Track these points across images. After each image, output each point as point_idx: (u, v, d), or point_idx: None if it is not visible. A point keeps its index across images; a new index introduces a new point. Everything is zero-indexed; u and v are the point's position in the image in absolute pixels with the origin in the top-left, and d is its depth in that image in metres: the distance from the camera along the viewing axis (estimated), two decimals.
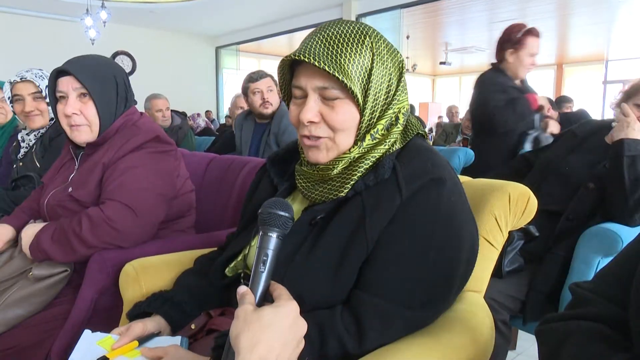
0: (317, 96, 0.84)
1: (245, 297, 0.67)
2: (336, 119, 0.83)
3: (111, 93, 1.42)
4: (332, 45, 0.81)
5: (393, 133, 0.87)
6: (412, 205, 0.80)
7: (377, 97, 0.84)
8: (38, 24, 8.23)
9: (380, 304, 0.78)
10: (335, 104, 0.83)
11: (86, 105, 1.38)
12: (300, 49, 0.82)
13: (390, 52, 0.87)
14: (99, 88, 1.38)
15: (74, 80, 1.35)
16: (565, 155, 1.78)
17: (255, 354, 0.59)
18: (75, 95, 1.37)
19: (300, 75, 0.85)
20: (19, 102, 2.01)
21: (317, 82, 0.82)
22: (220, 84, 11.01)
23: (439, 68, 13.96)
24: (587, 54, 11.85)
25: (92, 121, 1.40)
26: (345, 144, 0.86)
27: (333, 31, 0.83)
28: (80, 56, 1.42)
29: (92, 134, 1.42)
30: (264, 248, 0.70)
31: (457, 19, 8.98)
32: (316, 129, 0.85)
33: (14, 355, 1.24)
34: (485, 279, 1.06)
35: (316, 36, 0.83)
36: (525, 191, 1.08)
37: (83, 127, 1.40)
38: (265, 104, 2.80)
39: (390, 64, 0.86)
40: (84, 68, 1.37)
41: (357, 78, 0.81)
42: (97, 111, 1.39)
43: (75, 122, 1.39)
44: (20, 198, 1.83)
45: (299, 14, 8.43)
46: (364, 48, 0.82)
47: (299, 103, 0.87)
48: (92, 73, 1.37)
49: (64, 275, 1.35)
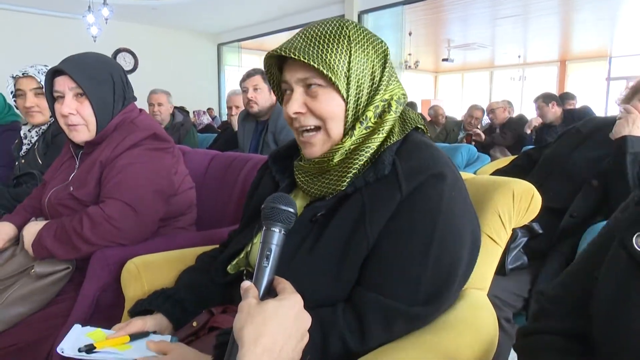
0: (301, 89, 0.87)
1: (249, 291, 0.67)
2: (320, 107, 0.86)
3: (108, 91, 1.41)
4: (311, 40, 0.85)
5: (387, 121, 0.87)
6: (412, 201, 0.80)
7: (360, 83, 0.86)
8: (40, 21, 8.22)
9: (382, 301, 0.78)
10: (318, 93, 0.86)
11: (82, 104, 1.38)
12: (282, 46, 0.86)
13: (371, 41, 0.88)
14: (94, 87, 1.37)
15: (69, 80, 1.34)
16: (569, 152, 1.76)
17: (259, 347, 0.59)
18: (71, 95, 1.36)
19: (285, 71, 0.89)
20: (21, 97, 2.02)
21: (299, 74, 0.86)
22: (222, 81, 11.00)
23: (442, 65, 13.91)
24: (590, 50, 11.79)
25: (89, 120, 1.40)
26: (337, 133, 0.88)
27: (314, 28, 0.87)
28: (76, 55, 1.41)
29: (90, 133, 1.42)
30: (267, 243, 0.69)
31: (460, 16, 8.94)
32: (305, 119, 0.88)
33: (16, 352, 1.24)
34: (488, 276, 1.06)
35: (298, 35, 0.88)
36: (529, 188, 1.07)
37: (80, 127, 1.40)
38: (250, 103, 2.79)
39: (371, 52, 0.88)
40: (80, 67, 1.36)
41: (336, 66, 0.83)
42: (94, 110, 1.38)
43: (72, 121, 1.39)
44: (22, 195, 1.83)
45: (301, 10, 8.41)
46: (342, 38, 0.85)
47: (287, 99, 0.90)
48: (87, 72, 1.36)
49: (66, 272, 1.35)
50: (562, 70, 12.94)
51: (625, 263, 0.63)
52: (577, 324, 0.68)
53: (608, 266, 0.65)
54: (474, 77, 15.46)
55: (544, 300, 0.75)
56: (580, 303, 0.68)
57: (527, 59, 13.30)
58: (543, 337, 0.70)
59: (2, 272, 1.37)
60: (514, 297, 1.54)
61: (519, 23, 9.37)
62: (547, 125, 4.34)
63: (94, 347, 0.85)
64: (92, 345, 0.85)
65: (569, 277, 0.76)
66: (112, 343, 0.87)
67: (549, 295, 0.75)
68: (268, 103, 2.79)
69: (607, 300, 0.63)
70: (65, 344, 0.87)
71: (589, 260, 0.72)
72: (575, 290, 0.71)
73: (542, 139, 4.21)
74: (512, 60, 13.32)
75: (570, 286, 0.73)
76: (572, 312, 0.70)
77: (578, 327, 0.68)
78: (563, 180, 1.69)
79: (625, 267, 0.62)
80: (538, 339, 0.71)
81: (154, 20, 9.25)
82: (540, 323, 0.73)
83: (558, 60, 12.97)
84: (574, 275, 0.75)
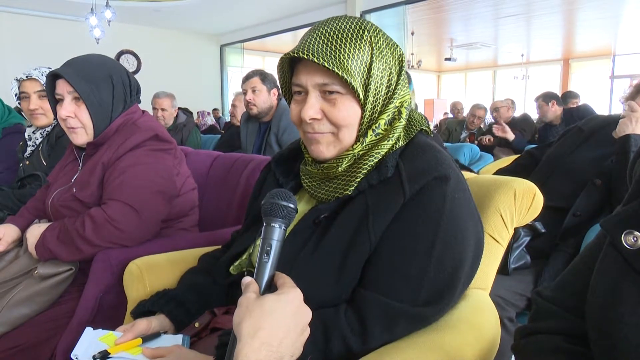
0: (317, 93, 0.84)
1: (249, 286, 0.66)
2: (338, 115, 0.83)
3: (106, 94, 1.41)
4: (331, 42, 0.81)
5: (396, 128, 0.86)
6: (415, 203, 0.79)
7: (378, 91, 0.84)
8: (43, 24, 8.26)
9: (384, 302, 0.77)
10: (337, 100, 0.83)
11: (80, 108, 1.38)
12: (299, 47, 0.82)
13: (389, 46, 0.86)
14: (91, 91, 1.37)
15: (67, 84, 1.35)
16: (571, 151, 1.76)
17: (257, 340, 0.59)
18: (70, 98, 1.38)
19: (300, 73, 0.85)
20: (26, 100, 2.03)
21: (317, 78, 0.82)
22: (225, 81, 11.03)
23: (444, 64, 13.90)
24: (593, 48, 11.75)
25: (86, 124, 1.41)
26: (348, 140, 0.86)
27: (332, 27, 0.83)
28: (78, 57, 1.42)
29: (88, 136, 1.43)
30: (268, 239, 0.69)
31: (462, 15, 8.93)
32: (319, 126, 0.85)
33: (19, 353, 1.24)
34: (490, 276, 1.05)
35: (315, 33, 0.83)
36: (530, 187, 1.06)
37: (79, 130, 1.41)
38: (249, 105, 2.82)
39: (390, 58, 0.86)
40: (78, 71, 1.36)
41: (357, 73, 0.81)
42: (90, 114, 1.39)
43: (71, 124, 1.40)
44: (26, 196, 1.84)
45: (303, 11, 8.42)
46: (363, 43, 0.82)
47: (299, 101, 0.87)
48: (84, 76, 1.37)
49: (69, 273, 1.36)
50: (566, 68, 12.91)
51: (615, 261, 0.63)
52: (576, 324, 0.68)
53: (600, 265, 0.66)
54: (476, 77, 15.45)
55: (542, 300, 0.75)
56: (579, 303, 0.68)
57: (530, 58, 13.28)
58: (541, 338, 0.70)
59: (6, 274, 1.37)
60: (518, 297, 1.53)
61: (522, 22, 9.36)
62: (549, 125, 4.32)
63: (108, 354, 0.85)
64: (105, 352, 0.85)
65: (567, 278, 0.76)
66: (125, 347, 0.87)
67: (547, 296, 0.75)
68: (267, 104, 2.80)
69: (599, 298, 0.63)
70: (79, 349, 0.87)
71: (586, 261, 0.72)
72: (573, 291, 0.72)
73: (545, 138, 4.19)
74: (515, 59, 13.30)
75: (569, 286, 0.74)
76: (571, 312, 0.70)
77: (577, 327, 0.68)
78: (565, 179, 1.69)
79: (615, 265, 0.63)
80: (536, 340, 0.71)
81: (157, 22, 9.28)
82: (539, 323, 0.73)
83: (561, 59, 12.95)
84: (572, 275, 0.75)
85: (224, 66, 10.98)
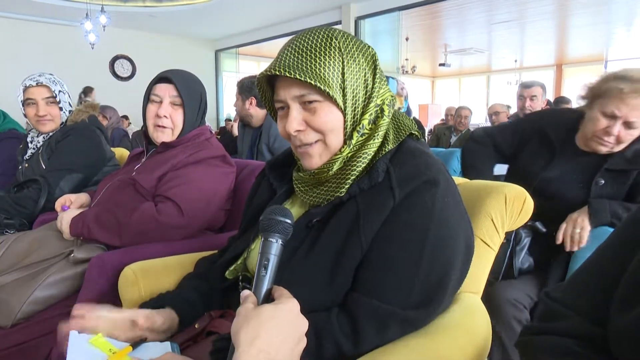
0: (297, 105, 0.86)
1: (247, 298, 0.69)
2: (320, 121, 0.86)
3: (196, 107, 1.63)
4: (302, 54, 0.84)
5: (381, 126, 0.88)
6: (405, 207, 0.81)
7: (356, 93, 0.86)
8: (38, 28, 8.24)
9: (375, 305, 0.79)
10: (317, 108, 0.85)
11: (176, 111, 1.58)
12: (274, 64, 0.85)
13: (359, 48, 0.88)
14: (190, 99, 1.59)
15: (172, 89, 1.55)
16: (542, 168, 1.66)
17: (255, 348, 0.60)
18: (169, 101, 1.56)
19: (278, 89, 0.88)
20: (32, 106, 2.02)
21: (294, 91, 0.85)
22: (220, 87, 11.03)
23: (439, 70, 13.97)
24: (586, 54, 11.85)
25: (177, 125, 1.59)
26: (336, 144, 0.88)
27: (302, 41, 0.86)
28: (178, 69, 1.64)
29: (173, 136, 1.61)
30: (266, 253, 0.72)
31: (456, 21, 8.99)
32: (305, 137, 0.87)
33: (16, 353, 1.26)
34: (482, 280, 1.07)
35: (287, 49, 0.86)
36: (521, 192, 1.08)
37: (167, 130, 1.59)
38: None
39: (362, 60, 0.88)
40: (184, 81, 1.58)
41: (331, 79, 0.83)
42: (184, 118, 1.58)
43: (163, 123, 1.57)
44: (23, 199, 1.85)
45: (298, 17, 8.45)
46: (333, 49, 0.84)
47: (283, 116, 0.89)
48: (187, 86, 1.58)
49: None
50: (559, 74, 13.00)
51: None
52: (587, 327, 0.65)
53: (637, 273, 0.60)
54: (471, 82, 15.52)
55: (551, 301, 0.73)
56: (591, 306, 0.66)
57: (524, 64, 13.37)
58: (551, 339, 0.68)
59: (45, 252, 1.44)
60: (529, 299, 1.53)
61: (515, 28, 9.42)
62: None
63: None
64: None
65: (578, 279, 0.73)
66: (117, 358, 0.87)
67: (556, 297, 0.73)
68: (244, 112, 2.92)
69: None
70: (73, 356, 0.85)
71: (610, 264, 0.68)
72: (585, 293, 0.69)
73: None
74: (508, 65, 13.38)
75: (581, 288, 0.70)
76: (582, 315, 0.67)
77: (588, 330, 0.65)
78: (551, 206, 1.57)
79: None
80: (545, 339, 0.69)
81: (152, 27, 9.28)
82: (547, 324, 0.71)
83: (554, 65, 13.03)
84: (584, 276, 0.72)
85: (219, 71, 10.99)
